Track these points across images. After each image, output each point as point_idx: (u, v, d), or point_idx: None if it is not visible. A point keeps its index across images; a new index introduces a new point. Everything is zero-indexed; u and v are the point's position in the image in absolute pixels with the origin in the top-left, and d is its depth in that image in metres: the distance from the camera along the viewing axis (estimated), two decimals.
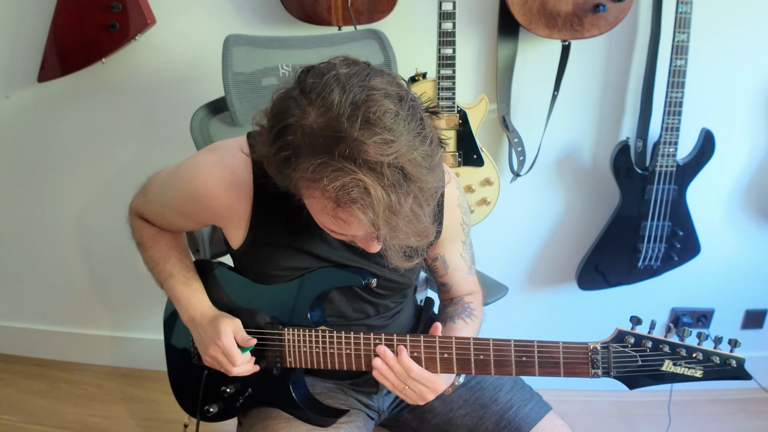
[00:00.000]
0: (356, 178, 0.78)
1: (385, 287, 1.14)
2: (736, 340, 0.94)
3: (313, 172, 0.80)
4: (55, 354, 2.34)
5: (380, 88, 0.82)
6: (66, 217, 2.14)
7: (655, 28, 1.73)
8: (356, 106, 0.79)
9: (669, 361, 0.95)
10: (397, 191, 0.80)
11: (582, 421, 2.05)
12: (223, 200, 1.04)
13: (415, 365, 1.03)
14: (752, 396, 2.14)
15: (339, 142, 0.78)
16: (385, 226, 0.82)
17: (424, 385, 1.04)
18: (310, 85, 0.83)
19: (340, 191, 0.79)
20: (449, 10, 1.61)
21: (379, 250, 0.93)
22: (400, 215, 0.81)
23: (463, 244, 1.21)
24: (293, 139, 0.82)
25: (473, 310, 1.21)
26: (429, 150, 0.83)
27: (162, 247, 1.18)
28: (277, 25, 1.79)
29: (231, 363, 1.06)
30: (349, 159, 0.78)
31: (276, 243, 1.08)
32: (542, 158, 1.87)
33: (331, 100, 0.80)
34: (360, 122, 0.78)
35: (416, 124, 0.83)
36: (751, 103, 1.85)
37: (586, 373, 0.98)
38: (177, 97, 1.89)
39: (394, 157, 0.79)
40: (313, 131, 0.80)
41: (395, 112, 0.81)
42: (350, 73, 0.83)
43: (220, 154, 1.06)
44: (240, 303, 1.15)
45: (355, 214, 0.80)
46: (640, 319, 0.97)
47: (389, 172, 0.79)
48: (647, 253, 1.85)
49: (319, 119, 0.80)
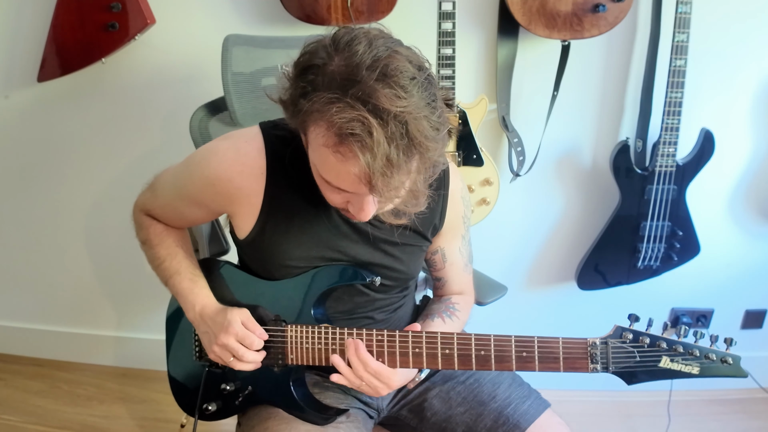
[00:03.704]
0: (363, 116, 0.82)
1: (388, 277, 1.15)
2: (731, 338, 0.96)
3: (325, 103, 0.84)
4: (55, 354, 2.34)
5: (404, 54, 0.88)
6: (65, 217, 2.14)
7: (655, 28, 1.73)
8: (377, 59, 0.85)
9: (666, 358, 0.97)
10: (397, 144, 0.83)
11: (582, 421, 2.05)
12: (237, 183, 1.06)
13: (371, 359, 1.05)
14: (752, 396, 2.14)
15: (354, 84, 0.83)
16: (380, 176, 0.84)
17: (378, 379, 1.06)
18: (341, 35, 0.89)
19: (346, 124, 0.82)
20: (449, 10, 1.61)
21: (371, 217, 0.96)
22: (396, 168, 0.84)
23: (462, 238, 1.23)
24: (314, 78, 0.87)
25: (457, 311, 1.23)
26: (435, 121, 0.87)
27: (169, 244, 1.19)
28: (277, 25, 1.79)
29: (248, 346, 1.08)
30: (360, 100, 0.83)
31: (286, 228, 1.09)
32: (542, 158, 1.87)
33: (355, 50, 0.85)
34: (378, 73, 0.83)
35: (429, 94, 0.87)
36: (751, 103, 1.85)
37: (585, 368, 1.00)
38: (176, 96, 1.89)
39: (401, 111, 0.83)
40: (333, 73, 0.85)
41: (412, 75, 0.86)
42: (379, 35, 0.89)
43: (234, 140, 1.09)
44: (245, 301, 1.15)
45: (354, 150, 0.83)
46: (638, 317, 0.99)
47: (393, 123, 0.83)
48: (647, 253, 1.85)
49: (341, 64, 0.86)
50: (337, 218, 1.09)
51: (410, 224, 1.11)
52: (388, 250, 1.13)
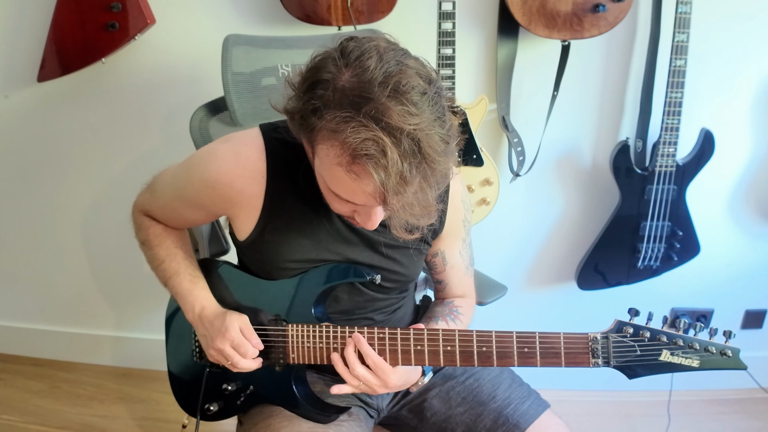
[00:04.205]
0: (377, 135, 0.82)
1: (388, 279, 1.15)
2: (730, 331, 0.96)
3: (338, 123, 0.84)
4: (55, 354, 2.34)
5: (413, 67, 0.87)
6: (65, 217, 2.14)
7: (655, 28, 1.73)
8: (389, 75, 0.84)
9: (667, 351, 0.97)
10: (410, 161, 0.83)
11: (582, 421, 2.05)
12: (237, 187, 1.06)
13: (373, 353, 1.05)
14: (752, 396, 2.14)
15: (367, 102, 0.83)
16: (394, 194, 0.85)
17: (376, 374, 1.05)
18: (351, 49, 0.88)
19: (360, 144, 0.82)
20: (449, 10, 1.61)
21: (377, 226, 0.96)
22: (409, 184, 0.85)
23: (462, 241, 1.23)
24: (324, 93, 0.86)
25: (460, 314, 1.23)
26: (445, 135, 0.88)
27: (168, 245, 1.19)
28: (277, 25, 1.79)
29: (242, 355, 1.07)
30: (374, 119, 0.82)
31: (286, 231, 1.09)
32: (542, 158, 1.87)
33: (366, 65, 0.85)
34: (390, 90, 0.83)
35: (439, 108, 0.88)
36: (751, 103, 1.85)
37: (587, 363, 1.00)
38: (176, 96, 1.89)
39: (414, 128, 0.83)
40: (344, 89, 0.85)
41: (423, 90, 0.86)
42: (389, 48, 0.88)
43: (234, 143, 1.09)
44: (244, 301, 1.15)
45: (368, 169, 0.83)
46: (637, 311, 1.00)
47: (406, 141, 0.83)
48: (647, 253, 1.86)
49: (352, 79, 0.85)
50: (338, 221, 1.09)
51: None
52: (388, 253, 1.13)
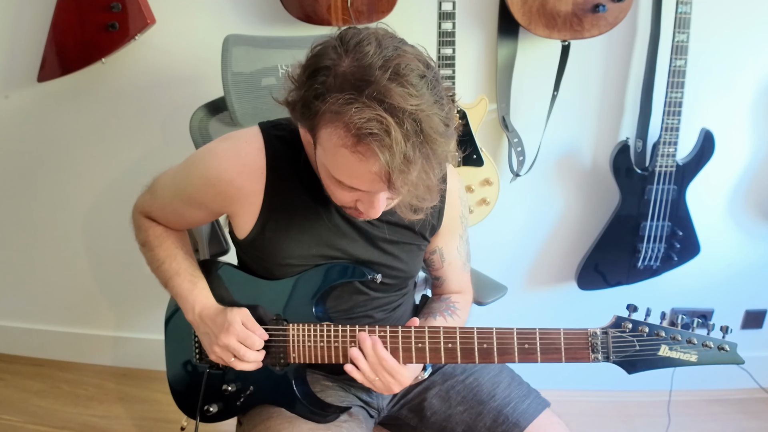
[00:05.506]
0: (381, 115, 0.83)
1: (388, 275, 1.15)
2: (727, 326, 0.97)
3: (341, 105, 0.85)
4: (55, 354, 2.34)
5: (411, 53, 0.89)
6: (65, 217, 2.14)
7: (655, 28, 1.73)
8: (388, 59, 0.86)
9: (665, 346, 0.98)
10: (413, 141, 0.85)
11: (581, 421, 2.05)
12: (237, 184, 1.07)
13: (389, 356, 1.05)
14: (752, 396, 2.14)
15: (369, 84, 0.85)
16: (399, 173, 0.85)
17: (393, 376, 1.06)
18: (350, 36, 0.90)
19: (364, 124, 0.83)
20: (449, 10, 1.61)
21: (379, 215, 0.97)
22: (413, 164, 0.86)
23: (460, 238, 1.23)
24: (325, 79, 0.88)
25: (457, 310, 1.23)
26: (445, 118, 0.89)
27: (168, 246, 1.19)
28: (277, 25, 1.79)
29: (249, 347, 1.08)
30: (376, 100, 0.84)
31: (286, 227, 1.09)
32: (542, 158, 1.87)
33: (366, 51, 0.87)
34: (390, 73, 0.85)
35: (437, 91, 0.89)
36: (751, 103, 1.85)
37: (587, 358, 1.01)
38: (176, 96, 1.89)
39: (415, 109, 0.84)
40: (346, 74, 0.87)
41: (422, 73, 0.87)
42: (386, 35, 0.91)
43: (233, 141, 1.09)
44: (245, 301, 1.15)
45: (373, 149, 0.84)
46: (636, 307, 1.01)
47: (408, 121, 0.84)
48: (647, 253, 1.86)
49: (353, 64, 0.87)
50: (337, 217, 1.09)
51: (408, 224, 1.11)
52: (388, 248, 1.13)
